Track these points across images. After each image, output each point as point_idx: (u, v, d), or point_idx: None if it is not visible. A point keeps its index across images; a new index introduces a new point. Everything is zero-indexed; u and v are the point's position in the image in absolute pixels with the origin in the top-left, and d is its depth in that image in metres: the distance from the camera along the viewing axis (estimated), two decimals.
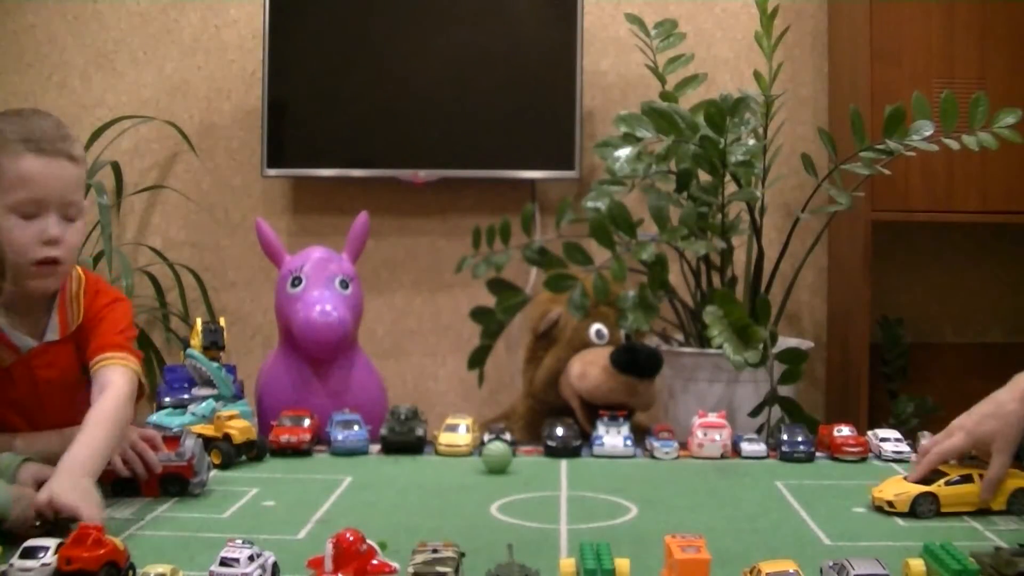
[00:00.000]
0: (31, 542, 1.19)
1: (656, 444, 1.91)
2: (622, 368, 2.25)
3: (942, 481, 1.53)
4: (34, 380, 1.65)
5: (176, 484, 1.58)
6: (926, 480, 1.54)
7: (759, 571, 1.15)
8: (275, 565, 1.20)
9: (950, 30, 2.85)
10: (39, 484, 1.41)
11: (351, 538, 1.17)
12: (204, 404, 2.00)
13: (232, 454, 1.78)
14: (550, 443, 1.90)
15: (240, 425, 1.81)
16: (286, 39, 3.14)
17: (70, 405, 1.64)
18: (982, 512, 1.52)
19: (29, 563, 1.15)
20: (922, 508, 1.51)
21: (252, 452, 1.82)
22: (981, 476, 1.53)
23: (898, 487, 1.55)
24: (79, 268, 1.73)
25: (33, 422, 1.66)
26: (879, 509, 1.54)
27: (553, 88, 3.13)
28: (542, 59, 3.15)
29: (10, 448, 1.56)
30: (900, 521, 1.49)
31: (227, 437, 1.78)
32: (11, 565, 1.15)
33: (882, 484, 1.57)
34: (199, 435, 1.70)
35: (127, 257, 3.15)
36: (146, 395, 1.76)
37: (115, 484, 1.59)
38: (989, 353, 3.20)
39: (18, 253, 1.54)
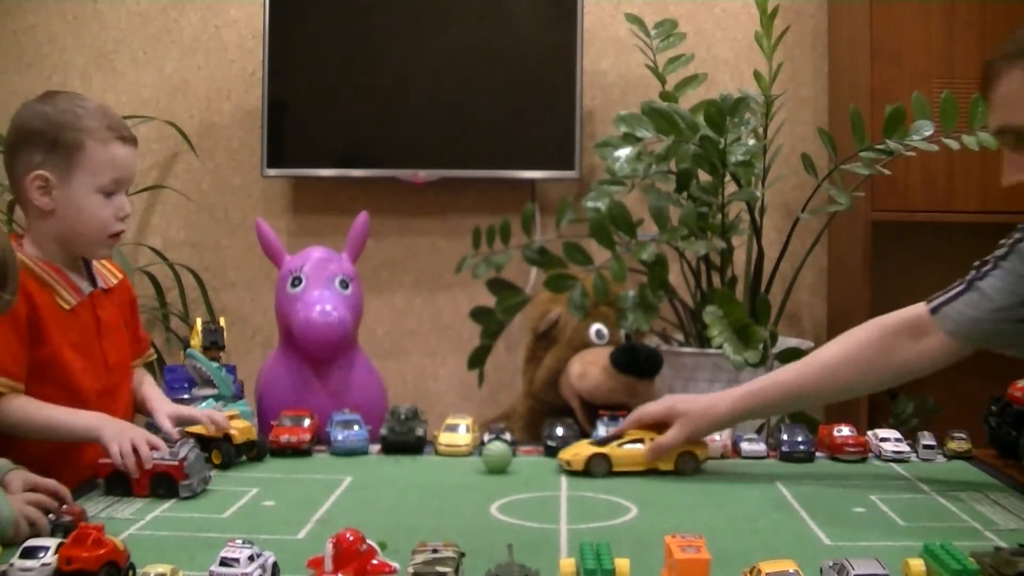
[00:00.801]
0: (31, 542, 1.19)
1: None
2: (622, 368, 2.25)
3: (616, 443, 1.70)
4: (97, 319, 1.83)
5: (165, 484, 1.56)
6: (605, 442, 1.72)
7: (759, 571, 1.15)
8: (275, 565, 1.20)
9: (950, 30, 2.85)
10: (29, 490, 1.43)
11: (351, 538, 1.17)
12: (204, 404, 1.99)
13: (232, 454, 1.77)
14: (550, 443, 1.90)
15: (240, 425, 1.80)
16: (286, 39, 3.14)
17: (121, 347, 1.88)
18: (981, 512, 1.51)
19: (29, 563, 1.15)
20: (596, 468, 1.68)
21: (252, 452, 1.82)
22: (652, 440, 1.69)
23: (576, 448, 1.72)
24: None
25: (93, 362, 1.80)
26: (560, 468, 1.71)
27: (553, 88, 3.13)
28: (542, 59, 3.15)
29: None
30: (900, 521, 1.49)
31: (227, 437, 1.78)
32: (11, 565, 1.15)
33: (569, 447, 1.74)
34: (197, 437, 1.71)
35: (127, 257, 3.15)
36: None
37: (109, 480, 1.58)
38: (989, 353, 3.18)
39: (99, 228, 1.77)
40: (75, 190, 1.74)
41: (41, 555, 1.16)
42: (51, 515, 1.36)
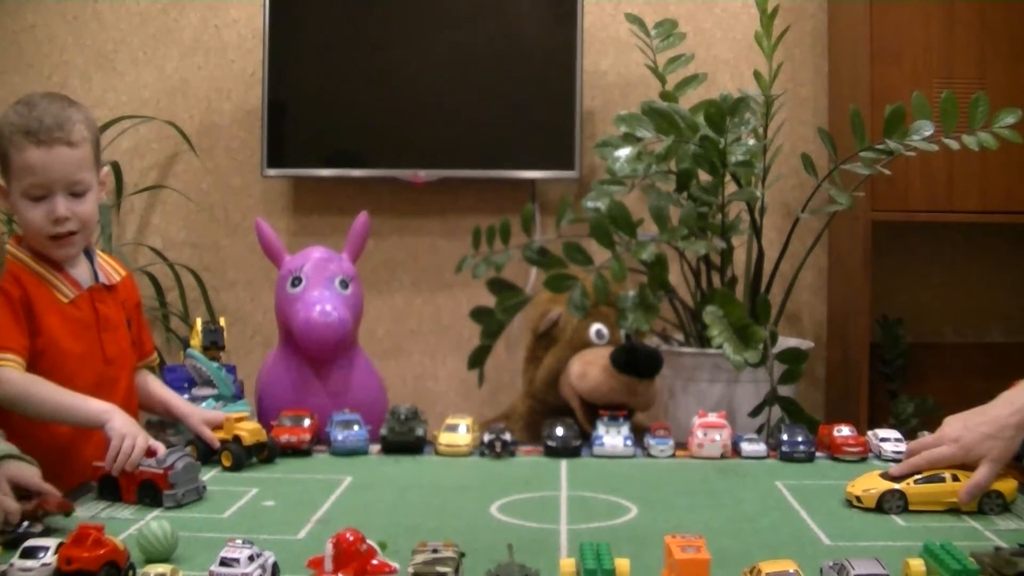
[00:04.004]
0: (31, 542, 1.19)
1: (652, 442, 1.91)
2: (622, 368, 2.24)
3: (911, 479, 1.54)
4: (95, 312, 1.85)
5: (150, 492, 1.53)
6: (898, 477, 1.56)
7: (759, 571, 1.15)
8: (275, 565, 1.20)
9: (950, 30, 2.85)
10: (15, 487, 1.43)
11: (351, 538, 1.17)
12: (204, 404, 2.00)
13: (243, 456, 1.77)
14: (550, 443, 1.90)
15: (250, 427, 1.80)
16: (286, 39, 3.14)
17: (121, 343, 1.89)
18: (982, 512, 1.52)
19: (29, 563, 1.15)
20: (889, 505, 1.52)
21: (263, 454, 1.82)
22: (954, 477, 1.53)
23: (868, 483, 1.56)
24: None
25: (91, 353, 1.82)
26: (850, 504, 1.55)
27: (553, 88, 3.13)
28: (542, 59, 3.15)
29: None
30: (900, 521, 1.49)
31: (237, 439, 1.78)
32: (11, 565, 1.15)
33: (857, 479, 1.59)
34: (192, 453, 1.71)
35: (127, 257, 3.15)
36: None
37: (101, 484, 1.58)
38: (989, 353, 3.20)
39: (35, 231, 1.77)
40: (12, 196, 1.78)
41: (41, 555, 1.16)
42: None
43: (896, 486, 1.53)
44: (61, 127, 1.75)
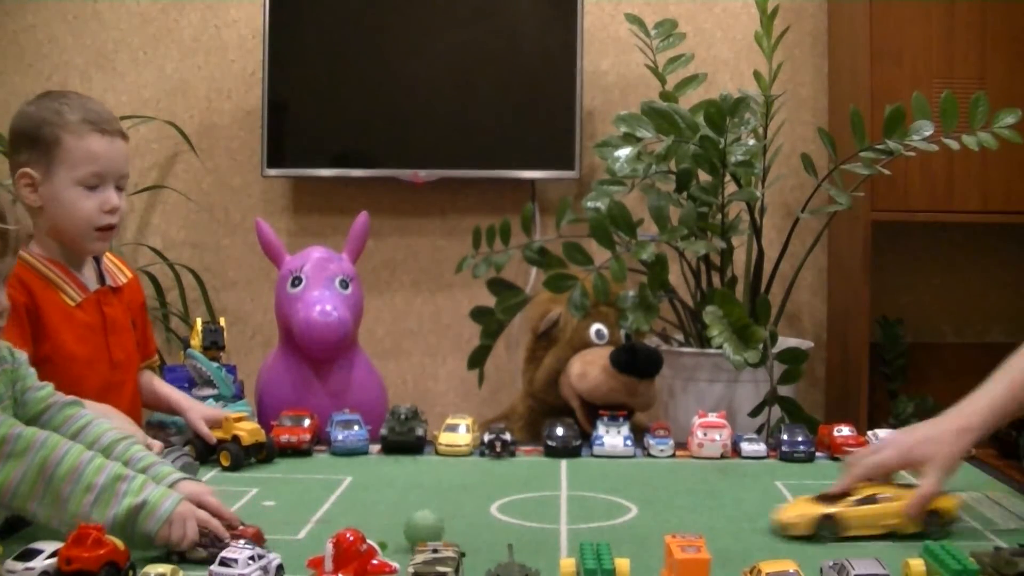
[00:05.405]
0: (32, 544, 1.19)
1: (652, 442, 1.91)
2: (622, 368, 2.25)
3: (846, 501, 1.41)
4: (102, 315, 1.85)
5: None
6: (834, 499, 1.42)
7: (759, 571, 1.15)
8: (279, 567, 1.20)
9: (950, 30, 2.85)
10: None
11: (351, 538, 1.17)
12: (204, 404, 2.00)
13: (241, 456, 1.77)
14: (550, 443, 1.91)
15: (249, 427, 1.81)
16: (286, 39, 3.14)
17: (127, 345, 1.89)
18: (981, 513, 1.52)
19: (29, 563, 1.15)
20: (824, 532, 1.38)
21: (262, 454, 1.82)
22: (889, 498, 1.41)
23: (801, 508, 1.43)
24: None
25: (97, 356, 1.82)
26: (776, 533, 1.42)
27: (553, 88, 3.13)
28: (542, 59, 3.15)
29: None
30: None
31: (236, 439, 1.78)
32: (11, 565, 1.15)
33: (788, 505, 1.47)
34: (190, 453, 1.73)
35: (127, 257, 3.15)
36: None
37: None
38: (989, 353, 3.16)
39: (83, 221, 1.77)
40: (56, 185, 1.75)
41: (41, 555, 1.16)
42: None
43: (833, 510, 1.40)
44: (116, 120, 1.82)
